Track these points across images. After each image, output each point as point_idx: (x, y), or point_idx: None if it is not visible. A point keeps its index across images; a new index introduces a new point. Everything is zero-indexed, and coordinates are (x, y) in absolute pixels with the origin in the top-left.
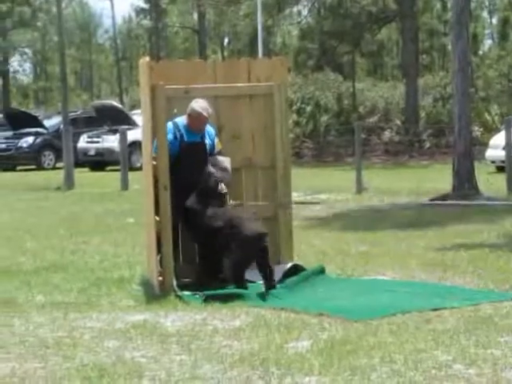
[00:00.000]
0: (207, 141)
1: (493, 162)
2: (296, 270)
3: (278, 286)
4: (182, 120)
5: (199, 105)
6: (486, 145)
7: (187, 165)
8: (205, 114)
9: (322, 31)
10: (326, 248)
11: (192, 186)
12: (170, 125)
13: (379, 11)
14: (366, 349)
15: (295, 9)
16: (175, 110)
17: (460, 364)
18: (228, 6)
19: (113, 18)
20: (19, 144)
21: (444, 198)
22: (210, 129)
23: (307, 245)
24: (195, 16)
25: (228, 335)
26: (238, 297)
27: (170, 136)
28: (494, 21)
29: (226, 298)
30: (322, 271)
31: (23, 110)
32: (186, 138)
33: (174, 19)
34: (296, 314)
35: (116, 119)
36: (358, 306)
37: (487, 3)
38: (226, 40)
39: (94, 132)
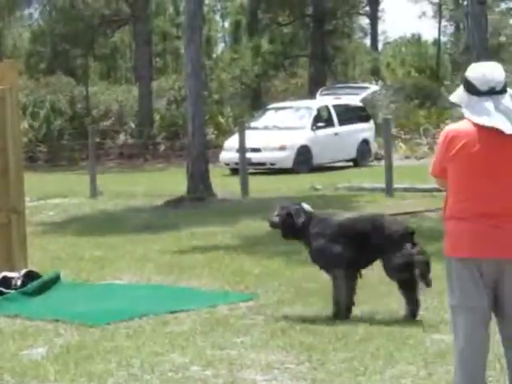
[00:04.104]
0: None
1: (227, 164)
2: (31, 276)
3: (13, 292)
4: None
5: None
6: (220, 147)
7: None
8: None
9: (53, 34)
10: (61, 253)
11: None
12: None
13: (112, 14)
14: (103, 354)
15: (26, 11)
16: None
17: (196, 366)
18: None
19: None
20: None
21: (179, 200)
22: None
23: (42, 250)
24: None
25: None
26: None
27: None
28: (226, 24)
29: None
30: (57, 277)
31: None
32: None
33: None
34: (31, 321)
35: None
36: (95, 310)
37: (219, 7)
38: None
39: None
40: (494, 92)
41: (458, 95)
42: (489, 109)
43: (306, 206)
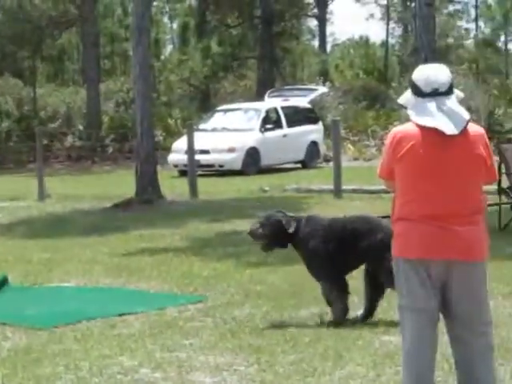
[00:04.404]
0: None
1: (176, 166)
2: None
3: None
4: None
5: None
6: (168, 149)
7: None
8: None
9: (0, 35)
10: (8, 256)
11: None
12: None
13: (59, 15)
14: (51, 357)
15: None
16: None
17: (146, 368)
18: None
19: None
20: None
21: (127, 202)
22: None
23: None
24: None
25: None
26: None
27: None
28: (175, 26)
29: None
30: (4, 280)
31: None
32: None
33: None
34: None
35: None
36: (42, 313)
37: (168, 9)
38: None
39: None
40: (437, 93)
41: (405, 97)
42: (431, 110)
43: (288, 213)
